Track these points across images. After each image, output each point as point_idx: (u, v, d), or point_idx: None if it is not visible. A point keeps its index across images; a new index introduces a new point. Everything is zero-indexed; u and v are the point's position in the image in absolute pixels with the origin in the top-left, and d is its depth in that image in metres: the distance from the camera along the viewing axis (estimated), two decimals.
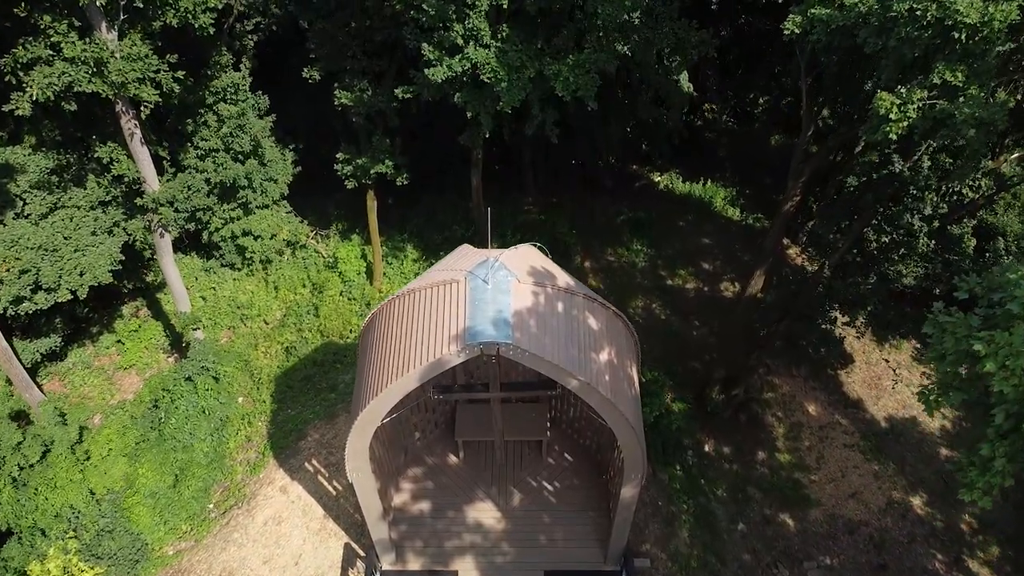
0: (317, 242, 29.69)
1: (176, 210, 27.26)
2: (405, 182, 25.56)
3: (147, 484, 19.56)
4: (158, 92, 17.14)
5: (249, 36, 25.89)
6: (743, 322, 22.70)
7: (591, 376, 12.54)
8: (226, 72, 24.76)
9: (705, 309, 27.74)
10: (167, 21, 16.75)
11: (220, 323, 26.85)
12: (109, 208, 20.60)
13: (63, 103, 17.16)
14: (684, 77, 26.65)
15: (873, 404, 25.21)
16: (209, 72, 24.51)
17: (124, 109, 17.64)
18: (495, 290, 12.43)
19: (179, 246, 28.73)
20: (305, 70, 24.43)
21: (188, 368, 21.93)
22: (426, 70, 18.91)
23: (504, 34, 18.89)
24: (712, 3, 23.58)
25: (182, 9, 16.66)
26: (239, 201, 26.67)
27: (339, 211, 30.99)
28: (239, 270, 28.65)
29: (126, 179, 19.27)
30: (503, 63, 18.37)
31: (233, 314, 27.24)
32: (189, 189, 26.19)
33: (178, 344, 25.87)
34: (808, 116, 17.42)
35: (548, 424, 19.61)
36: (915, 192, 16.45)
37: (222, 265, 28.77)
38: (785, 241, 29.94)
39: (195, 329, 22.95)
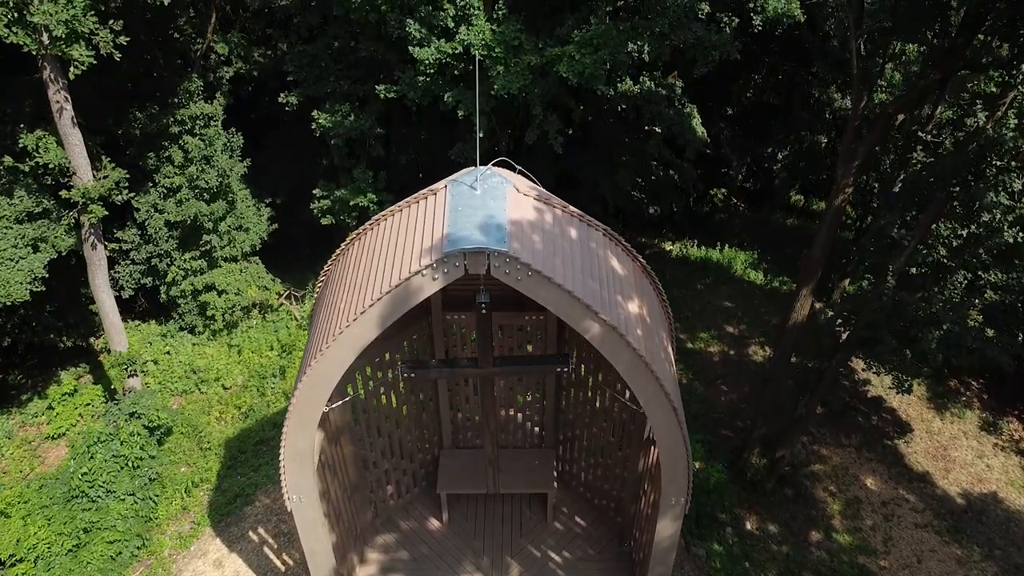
0: (291, 303, 26.39)
1: (132, 261, 24.30)
2: None
3: (39, 549, 15.19)
4: (93, 54, 14.51)
5: (225, 69, 23.82)
6: (780, 376, 19.07)
7: (618, 320, 9.00)
8: (195, 102, 22.47)
9: (733, 374, 24.06)
10: None
11: (170, 388, 23.04)
12: (38, 221, 17.45)
13: None
14: (697, 121, 24.54)
15: (942, 478, 21.03)
16: (176, 100, 22.22)
17: (53, 76, 14.92)
18: (486, 195, 9.16)
19: (132, 307, 25.40)
20: (282, 95, 22.17)
21: (113, 413, 18.01)
22: (412, 49, 16.45)
23: (501, 14, 16.59)
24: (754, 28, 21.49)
25: None
26: (202, 248, 23.65)
27: (319, 270, 27.88)
28: (200, 334, 25.15)
29: (52, 168, 16.24)
30: (499, 39, 15.93)
31: (187, 379, 23.47)
32: (147, 233, 23.38)
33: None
34: (860, 81, 14.70)
35: (555, 475, 15.66)
36: (998, 162, 13.44)
37: (180, 328, 25.30)
38: (817, 305, 26.73)
39: (131, 374, 19.20)
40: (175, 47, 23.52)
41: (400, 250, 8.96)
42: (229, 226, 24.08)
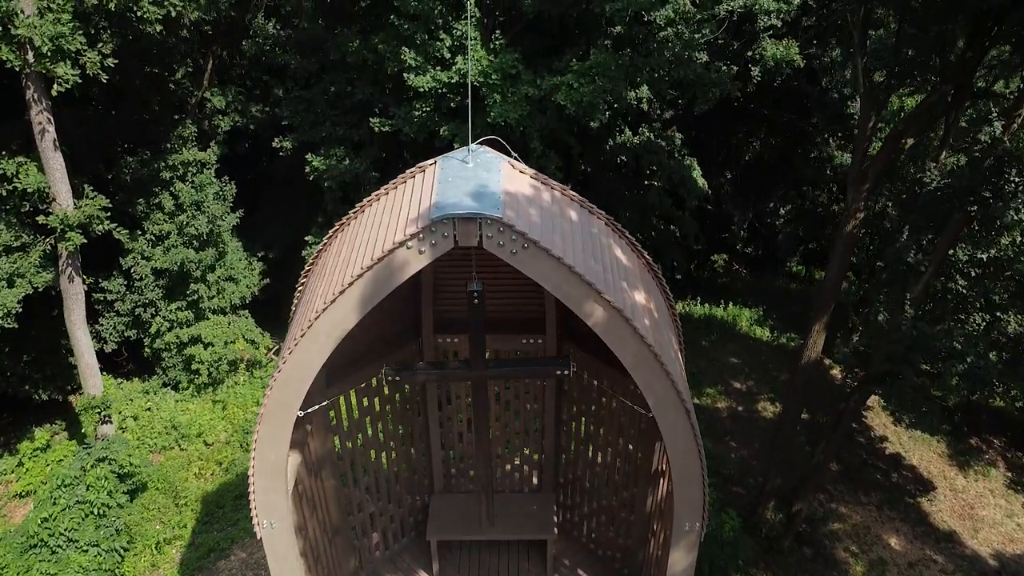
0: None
1: (116, 312, 23.46)
2: None
3: None
4: (78, 72, 14.11)
5: (221, 118, 23.59)
6: (793, 421, 18.00)
7: (624, 305, 8.12)
8: (188, 148, 22.16)
9: (742, 430, 22.88)
10: (102, 1, 14.11)
11: (149, 444, 21.80)
12: (15, 254, 16.71)
13: None
14: (698, 173, 24.27)
15: (971, 537, 19.61)
16: (169, 146, 21.91)
17: (36, 96, 14.48)
18: (478, 168, 8.43)
19: (113, 362, 24.34)
20: (276, 140, 21.86)
21: (81, 457, 16.79)
22: (408, 77, 16.11)
23: (499, 44, 16.35)
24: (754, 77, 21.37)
25: None
26: (189, 298, 22.89)
27: None
28: (184, 390, 24.09)
29: (31, 193, 15.57)
30: (495, 67, 15.60)
31: (167, 435, 22.27)
32: (132, 282, 22.66)
33: None
34: (867, 101, 14.25)
35: (555, 521, 14.38)
36: (1017, 178, 12.82)
37: (164, 385, 24.27)
38: (826, 361, 25.78)
39: (104, 420, 18.07)
40: (171, 95, 23.41)
41: (384, 227, 8.19)
42: (219, 276, 23.40)
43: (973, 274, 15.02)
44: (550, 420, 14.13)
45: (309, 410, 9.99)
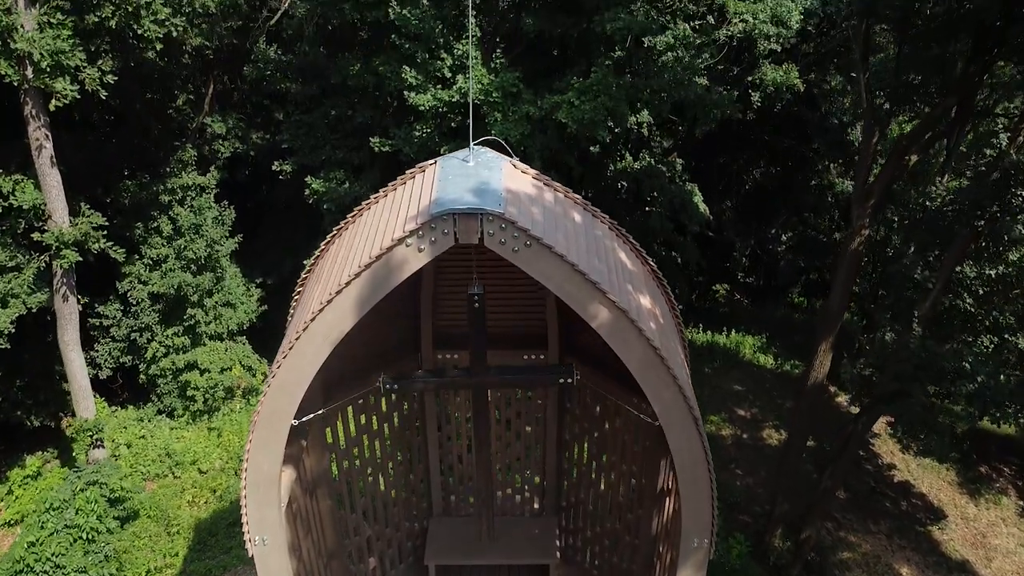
0: None
1: (112, 338, 23.16)
2: None
3: None
4: (77, 88, 14.04)
5: (221, 143, 23.56)
6: (800, 444, 17.63)
7: (630, 307, 7.87)
8: (188, 172, 22.09)
9: (747, 457, 22.46)
10: (103, 18, 14.10)
11: (142, 471, 21.35)
12: (8, 274, 16.48)
13: None
14: (699, 199, 24.20)
15: (984, 567, 19.09)
16: (169, 169, 21.84)
17: (34, 112, 14.39)
18: (479, 166, 8.25)
19: (108, 389, 23.95)
20: (276, 163, 21.80)
21: (71, 480, 16.36)
22: (409, 95, 16.06)
23: (500, 63, 16.34)
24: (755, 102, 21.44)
25: (122, 6, 14.07)
26: (186, 323, 22.62)
27: None
28: (179, 417, 23.69)
29: (27, 211, 15.37)
30: (496, 85, 15.56)
31: (161, 463, 21.82)
32: (128, 307, 22.42)
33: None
34: (870, 116, 14.14)
35: (558, 546, 13.97)
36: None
37: (159, 412, 23.87)
38: (831, 388, 25.44)
39: (95, 444, 17.68)
40: (171, 121, 23.43)
41: (383, 227, 7.98)
42: (216, 302, 23.16)
43: (981, 292, 14.77)
44: (552, 441, 13.81)
45: (304, 419, 9.69)
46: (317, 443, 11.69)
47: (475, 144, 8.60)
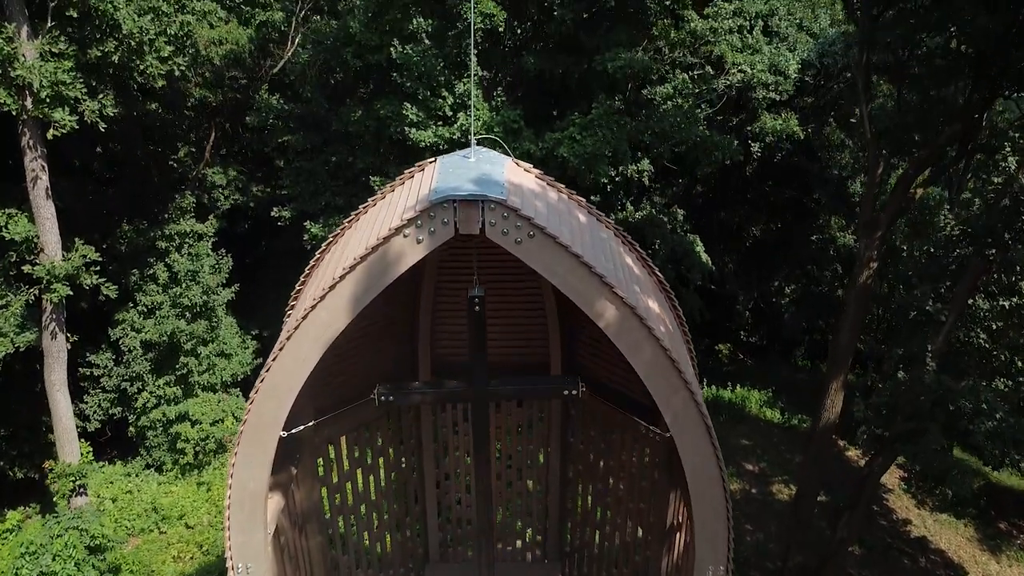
0: None
1: (103, 389, 22.59)
2: None
3: None
4: (76, 119, 13.94)
5: (221, 191, 23.51)
6: (812, 493, 16.92)
7: (637, 305, 7.48)
8: (186, 218, 21.96)
9: (757, 512, 21.60)
10: (106, 51, 14.15)
11: (127, 526, 20.47)
12: None
13: None
14: (701, 249, 24.03)
15: None
16: (168, 216, 21.73)
17: (31, 143, 14.26)
18: (481, 162, 7.97)
19: (96, 443, 23.18)
20: (275, 210, 21.68)
21: (50, 525, 15.56)
22: (409, 131, 16.01)
23: (500, 101, 16.36)
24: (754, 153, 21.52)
25: (125, 41, 14.14)
26: (179, 372, 22.09)
27: None
28: (168, 471, 22.91)
29: (18, 243, 15.04)
30: (497, 120, 15.54)
31: (147, 518, 20.96)
32: (121, 355, 21.96)
33: None
34: (875, 147, 14.01)
35: None
36: None
37: (147, 466, 23.13)
38: (841, 443, 24.74)
39: (77, 491, 16.92)
40: (172, 171, 23.47)
41: (380, 222, 7.67)
42: (210, 352, 22.69)
43: (995, 328, 14.38)
44: (555, 478, 13.18)
45: (294, 430, 9.17)
46: (308, 473, 11.10)
47: (476, 144, 8.39)
